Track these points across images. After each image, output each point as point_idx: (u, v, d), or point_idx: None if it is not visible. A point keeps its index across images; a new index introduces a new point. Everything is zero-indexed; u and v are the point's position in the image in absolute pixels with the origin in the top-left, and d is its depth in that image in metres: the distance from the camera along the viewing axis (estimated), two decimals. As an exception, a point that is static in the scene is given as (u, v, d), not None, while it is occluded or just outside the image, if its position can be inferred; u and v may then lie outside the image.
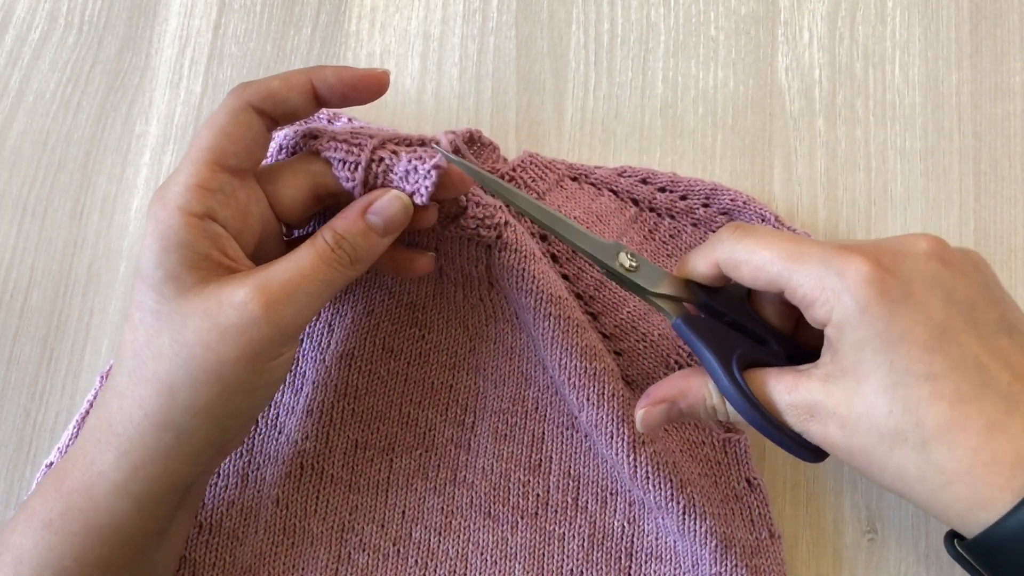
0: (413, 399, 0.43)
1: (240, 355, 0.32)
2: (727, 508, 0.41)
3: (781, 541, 0.41)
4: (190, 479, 0.35)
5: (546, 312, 0.39)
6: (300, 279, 0.33)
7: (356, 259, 0.35)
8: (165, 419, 0.33)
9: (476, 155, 0.44)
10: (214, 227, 0.33)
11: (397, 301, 0.43)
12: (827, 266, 0.32)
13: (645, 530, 0.40)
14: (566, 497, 0.41)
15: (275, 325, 0.32)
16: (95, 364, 0.45)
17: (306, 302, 0.33)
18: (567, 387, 0.40)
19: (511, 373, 0.42)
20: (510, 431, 0.42)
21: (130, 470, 0.33)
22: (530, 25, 0.51)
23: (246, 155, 0.34)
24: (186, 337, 0.32)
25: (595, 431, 0.39)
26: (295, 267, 0.33)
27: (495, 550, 0.40)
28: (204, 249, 0.33)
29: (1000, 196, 0.48)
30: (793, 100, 0.49)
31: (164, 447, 0.33)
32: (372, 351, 0.43)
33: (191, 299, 0.32)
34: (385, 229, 0.35)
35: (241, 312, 0.32)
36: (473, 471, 0.42)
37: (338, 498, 0.41)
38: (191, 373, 0.32)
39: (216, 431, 0.34)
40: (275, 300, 0.32)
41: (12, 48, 0.50)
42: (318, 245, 0.34)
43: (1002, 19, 0.50)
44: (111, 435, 0.33)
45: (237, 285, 0.32)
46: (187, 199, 0.33)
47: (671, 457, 0.40)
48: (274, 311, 0.32)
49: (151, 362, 0.33)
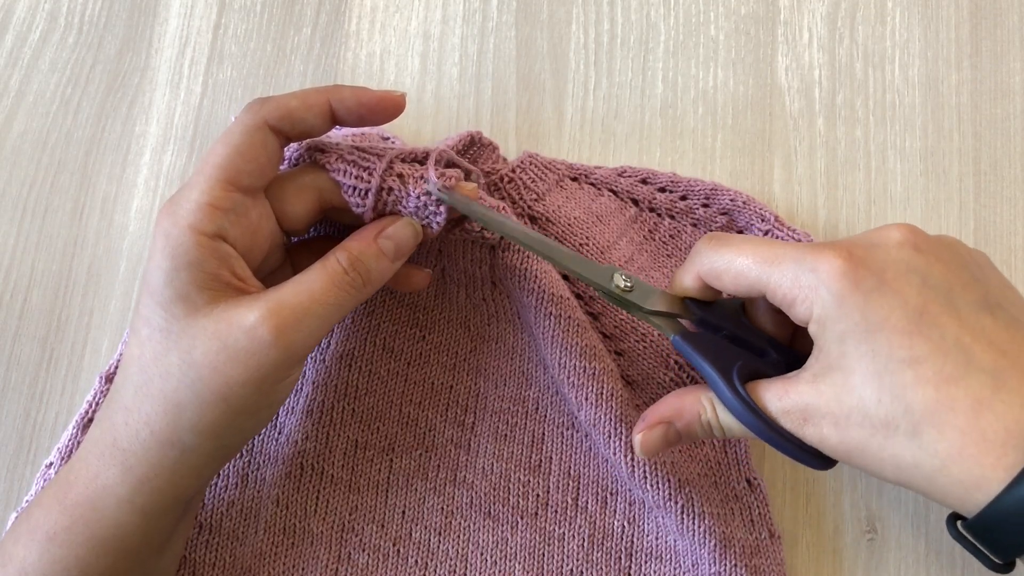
0: (413, 399, 0.43)
1: (248, 378, 0.32)
2: (726, 508, 0.41)
3: (781, 541, 0.41)
4: (193, 491, 0.35)
5: (547, 311, 0.40)
6: (311, 303, 0.33)
7: (368, 282, 0.35)
8: (171, 437, 0.33)
9: (475, 156, 0.44)
10: (224, 247, 0.33)
11: (398, 302, 0.44)
12: (801, 264, 0.32)
13: (645, 530, 0.41)
14: (566, 497, 0.41)
15: (285, 349, 0.32)
16: (95, 364, 0.45)
17: (316, 325, 0.33)
18: (567, 386, 0.40)
19: (512, 373, 0.42)
20: (510, 431, 0.42)
21: (135, 484, 0.33)
22: (530, 25, 0.51)
23: (259, 174, 0.34)
24: (195, 358, 0.32)
25: (594, 430, 0.39)
26: (306, 291, 0.33)
27: (495, 550, 0.40)
28: (214, 269, 0.33)
29: (1000, 196, 0.48)
30: (793, 100, 0.49)
31: (169, 463, 0.33)
32: (372, 351, 0.43)
33: (201, 320, 0.32)
34: (396, 254, 0.35)
35: (251, 336, 0.32)
36: (473, 471, 0.42)
37: (338, 498, 0.41)
38: (198, 394, 0.32)
39: (219, 448, 0.34)
40: (286, 325, 0.32)
41: (12, 48, 0.50)
42: (330, 267, 0.34)
43: (1002, 19, 0.50)
44: (116, 450, 0.33)
45: (247, 308, 0.32)
46: (199, 218, 0.32)
47: (670, 457, 0.40)
48: (284, 336, 0.32)
49: (158, 380, 0.33)
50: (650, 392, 0.43)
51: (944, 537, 0.42)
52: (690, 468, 0.41)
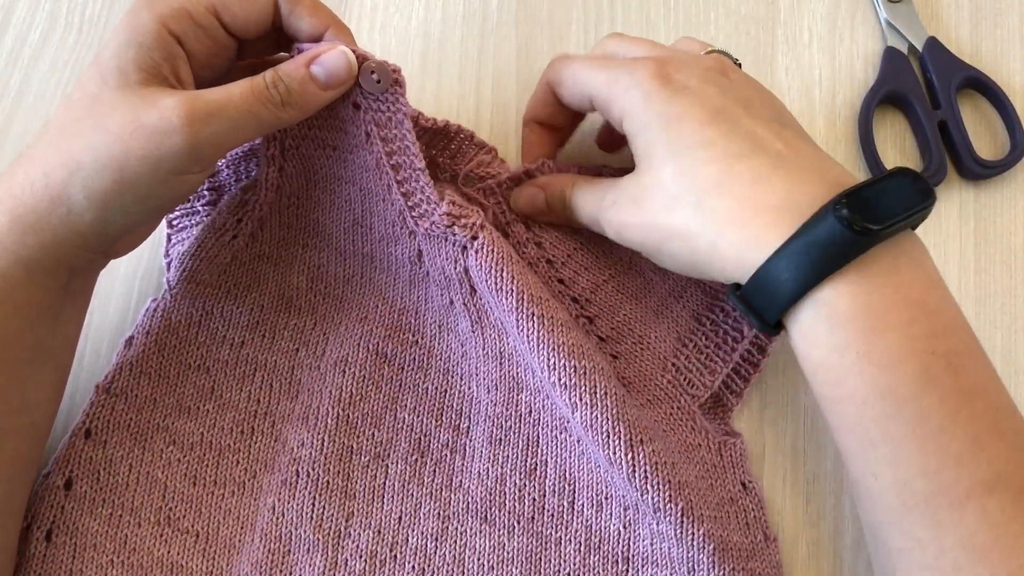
0: (407, 405, 0.43)
1: (147, 155, 0.34)
2: (723, 512, 0.41)
3: (777, 544, 0.41)
4: (75, 261, 0.36)
5: (529, 313, 0.39)
6: (227, 103, 0.34)
7: (288, 102, 0.36)
8: (61, 193, 0.34)
9: (473, 155, 0.44)
10: (178, 48, 0.35)
11: (390, 306, 0.44)
12: (622, 69, 0.38)
13: (640, 535, 0.40)
14: (562, 501, 0.41)
15: (188, 137, 0.34)
16: (95, 365, 0.45)
17: (227, 127, 0.35)
18: (558, 388, 0.39)
19: (503, 378, 0.42)
20: (504, 435, 0.42)
21: (20, 235, 0.34)
22: (530, 25, 0.51)
23: (244, 20, 0.36)
24: (107, 125, 0.34)
25: (590, 432, 0.39)
26: (226, 93, 0.35)
27: (491, 555, 0.40)
28: (159, 60, 0.35)
29: (1000, 196, 0.48)
30: (793, 100, 0.49)
31: (55, 220, 0.34)
32: (365, 357, 0.43)
33: (127, 94, 0.34)
34: (327, 82, 0.36)
35: (162, 115, 0.33)
36: (469, 476, 0.41)
37: (334, 505, 0.41)
38: (99, 157, 0.34)
39: (103, 223, 0.35)
40: (196, 115, 0.34)
41: (12, 48, 0.50)
42: (255, 80, 0.36)
43: (1002, 19, 0.50)
44: (9, 197, 0.34)
45: (169, 95, 0.34)
46: (170, 14, 0.35)
47: (669, 457, 0.40)
48: (192, 124, 0.33)
49: (69, 138, 0.34)
50: (647, 395, 0.43)
51: (944, 537, 0.42)
52: (688, 470, 0.41)
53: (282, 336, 0.44)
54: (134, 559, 0.40)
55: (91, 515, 0.40)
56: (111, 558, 0.39)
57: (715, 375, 0.43)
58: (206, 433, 0.42)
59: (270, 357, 0.43)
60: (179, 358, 0.42)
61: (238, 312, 0.43)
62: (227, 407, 0.42)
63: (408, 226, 0.41)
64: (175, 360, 0.42)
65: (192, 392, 0.42)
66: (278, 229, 0.43)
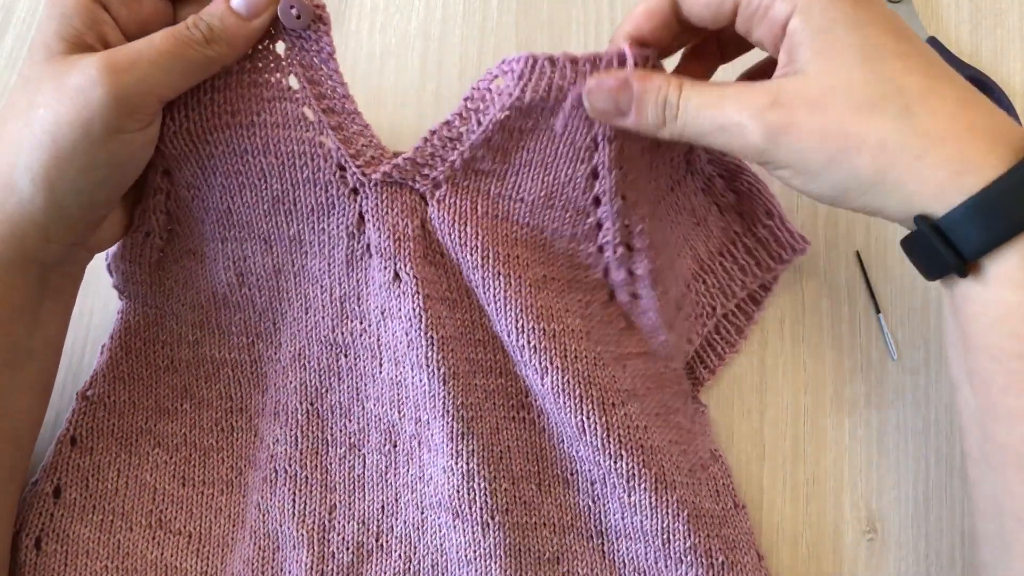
0: (371, 395, 0.41)
1: (75, 118, 0.33)
2: (695, 478, 0.40)
3: (747, 512, 0.41)
4: (42, 255, 0.35)
5: (495, 272, 0.38)
6: (148, 51, 0.34)
7: (211, 38, 0.35)
8: (8, 180, 0.34)
9: None
10: (102, 14, 0.35)
11: (329, 294, 0.41)
12: None
13: (610, 508, 0.39)
14: (530, 485, 0.40)
15: (112, 88, 0.33)
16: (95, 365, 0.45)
17: (151, 72, 0.34)
18: (527, 352, 0.37)
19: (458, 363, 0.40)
20: (466, 428, 0.39)
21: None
22: (530, 25, 0.51)
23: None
24: (36, 99, 0.33)
25: (561, 396, 0.37)
26: (147, 42, 0.34)
27: (467, 550, 0.39)
28: (81, 27, 0.34)
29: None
30: (793, 100, 0.49)
31: (9, 209, 0.34)
32: (321, 349, 0.41)
33: (52, 64, 0.34)
34: (248, 12, 0.36)
35: (82, 72, 0.33)
36: (436, 470, 0.40)
37: (315, 499, 0.40)
38: (33, 133, 0.33)
39: (54, 206, 0.34)
40: (117, 66, 0.33)
41: (12, 48, 0.50)
42: (176, 26, 0.35)
43: (1002, 19, 0.50)
44: None
45: (89, 56, 0.33)
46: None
47: (642, 420, 0.39)
48: (113, 75, 0.33)
49: (9, 123, 0.34)
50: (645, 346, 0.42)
51: (944, 537, 0.42)
52: (662, 434, 0.40)
53: (231, 332, 0.42)
54: (128, 563, 0.39)
55: (82, 522, 0.39)
56: (105, 564, 0.39)
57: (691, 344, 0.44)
58: (189, 433, 0.42)
59: (228, 354, 0.42)
60: (147, 360, 0.42)
61: (184, 311, 0.42)
62: (203, 405, 0.42)
63: (349, 182, 0.39)
64: (144, 362, 0.42)
65: (167, 393, 0.42)
66: (193, 224, 0.41)
